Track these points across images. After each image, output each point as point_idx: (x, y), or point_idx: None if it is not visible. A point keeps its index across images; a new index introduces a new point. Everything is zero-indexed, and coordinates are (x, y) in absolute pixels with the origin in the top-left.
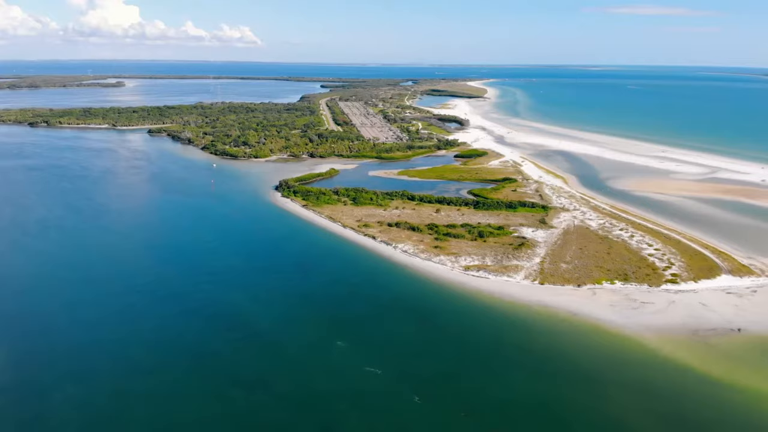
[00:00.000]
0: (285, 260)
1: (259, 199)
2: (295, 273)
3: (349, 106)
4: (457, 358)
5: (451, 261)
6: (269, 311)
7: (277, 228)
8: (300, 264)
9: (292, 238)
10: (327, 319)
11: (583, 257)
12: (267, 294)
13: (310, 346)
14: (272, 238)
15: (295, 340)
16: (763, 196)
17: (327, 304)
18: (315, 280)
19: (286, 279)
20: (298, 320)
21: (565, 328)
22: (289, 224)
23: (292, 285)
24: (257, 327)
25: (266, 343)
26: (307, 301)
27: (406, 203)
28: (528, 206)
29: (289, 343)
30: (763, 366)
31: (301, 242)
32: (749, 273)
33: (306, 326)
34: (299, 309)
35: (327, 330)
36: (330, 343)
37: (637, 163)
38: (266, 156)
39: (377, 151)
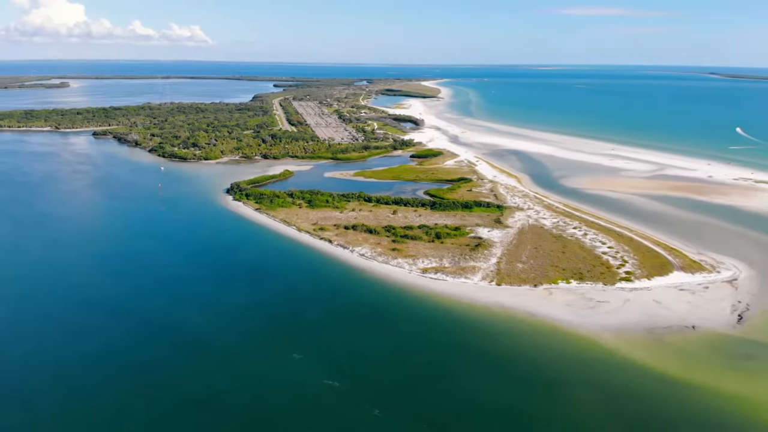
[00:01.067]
0: (237, 267)
1: (209, 204)
2: (247, 281)
3: (304, 105)
4: (417, 366)
5: (409, 264)
6: (220, 323)
7: (228, 233)
8: (253, 271)
9: (244, 243)
10: (282, 329)
11: (539, 257)
12: (218, 304)
13: (264, 359)
14: (223, 244)
15: (248, 352)
16: (711, 192)
17: (282, 314)
18: (269, 287)
19: (239, 287)
20: (251, 331)
21: (524, 329)
22: (241, 229)
23: (245, 294)
24: (207, 340)
25: (217, 357)
26: (261, 310)
27: (362, 205)
28: (483, 206)
29: (242, 356)
30: (717, 364)
31: (254, 248)
32: (700, 269)
33: (260, 338)
34: (252, 319)
35: (282, 341)
36: (285, 356)
37: (588, 161)
38: (217, 158)
39: (333, 152)
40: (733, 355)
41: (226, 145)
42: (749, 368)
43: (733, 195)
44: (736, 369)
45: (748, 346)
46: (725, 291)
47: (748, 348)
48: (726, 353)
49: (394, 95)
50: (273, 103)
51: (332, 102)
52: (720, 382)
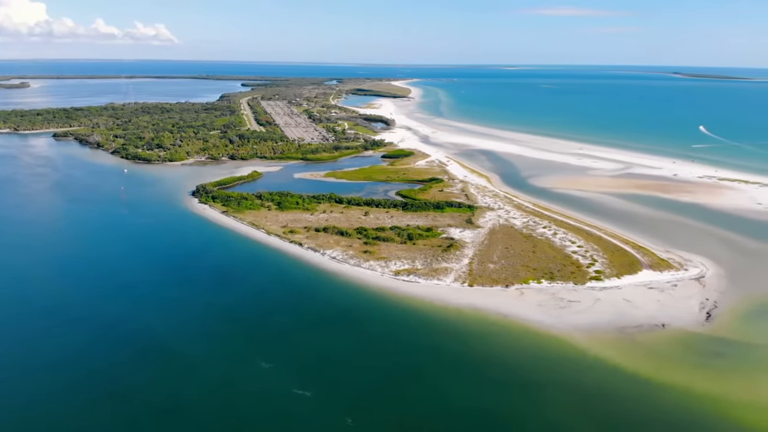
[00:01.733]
0: (203, 272)
1: (174, 207)
2: (214, 286)
3: (272, 105)
4: (391, 372)
5: (381, 266)
6: (186, 330)
7: (194, 237)
8: (220, 276)
9: (211, 247)
10: (250, 336)
11: (510, 257)
12: (183, 311)
13: (231, 368)
14: (189, 248)
15: (214, 361)
16: (676, 190)
17: (250, 320)
18: (237, 293)
19: (205, 293)
20: (218, 339)
21: (497, 330)
22: (207, 233)
23: (212, 300)
24: (172, 348)
25: (183, 366)
26: (228, 317)
27: (333, 206)
28: (455, 206)
29: (208, 365)
30: (687, 362)
31: (221, 252)
32: (669, 267)
33: (227, 345)
34: (219, 326)
35: (250, 349)
36: (254, 364)
37: (557, 160)
38: (182, 159)
39: (303, 152)
40: (703, 354)
41: (192, 146)
42: (719, 366)
43: (698, 193)
44: (706, 367)
45: (717, 344)
46: (693, 289)
47: (717, 346)
48: (696, 351)
49: (364, 95)
50: (241, 103)
51: (302, 101)
52: (691, 381)
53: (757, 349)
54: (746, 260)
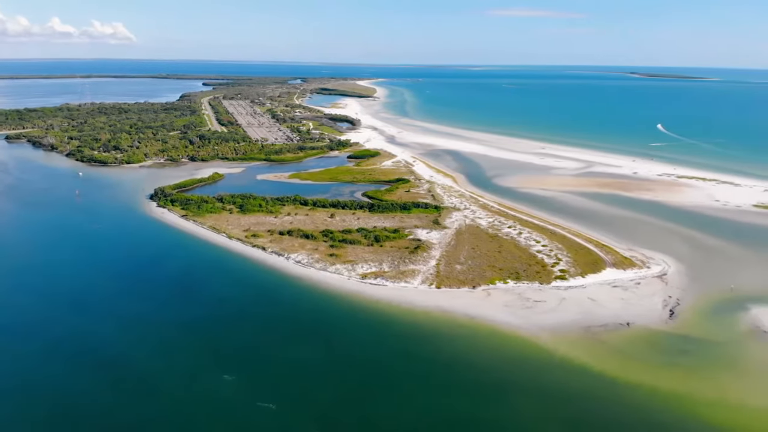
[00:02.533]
0: (162, 281)
1: (131, 211)
2: (173, 295)
3: (235, 105)
4: (360, 380)
5: (348, 269)
6: (144, 343)
7: (152, 243)
8: (179, 284)
9: (170, 254)
10: (212, 348)
11: (476, 257)
12: (141, 322)
13: (192, 383)
14: (146, 255)
15: (174, 375)
16: (636, 188)
17: (211, 331)
18: (196, 302)
19: (163, 303)
20: (178, 352)
21: (465, 333)
22: (166, 238)
23: (171, 310)
24: (130, 363)
25: (141, 382)
26: (189, 328)
27: (298, 209)
28: (421, 207)
29: (168, 379)
30: (652, 361)
31: (180, 258)
32: (631, 265)
33: (187, 358)
34: (179, 338)
35: (212, 361)
36: (216, 377)
37: (520, 160)
38: (140, 161)
39: (266, 153)
40: (668, 352)
41: (151, 147)
42: (683, 364)
43: (658, 191)
44: (671, 366)
45: (681, 342)
46: (656, 286)
47: (681, 344)
48: (661, 350)
49: (329, 94)
50: (202, 103)
51: (265, 101)
52: (657, 380)
53: (719, 347)
54: (705, 257)
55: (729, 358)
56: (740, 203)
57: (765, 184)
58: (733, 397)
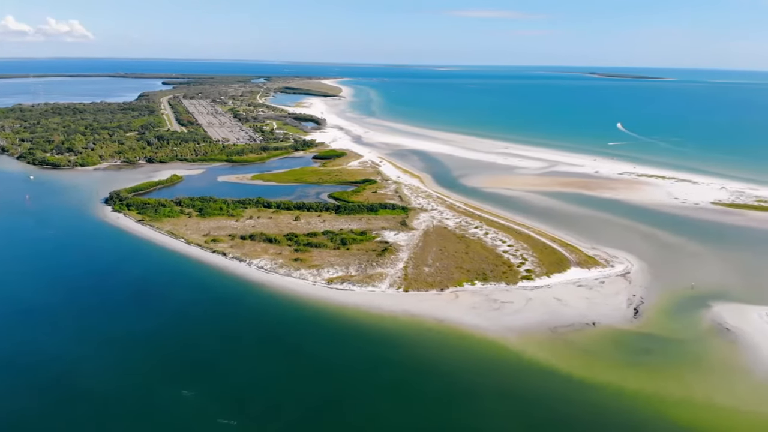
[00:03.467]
0: (115, 290)
1: (84, 216)
2: (127, 306)
3: (195, 104)
4: (327, 392)
5: (313, 274)
6: (97, 359)
7: (106, 250)
8: (134, 294)
9: (125, 261)
10: (169, 361)
11: (444, 258)
12: (94, 336)
13: (148, 399)
14: (100, 263)
15: (130, 393)
16: (598, 187)
17: (168, 343)
18: (152, 312)
19: (118, 315)
20: (134, 367)
21: (433, 337)
22: (121, 245)
23: (126, 322)
24: (83, 380)
25: (94, 401)
26: (143, 340)
27: (261, 211)
28: (389, 208)
29: (121, 397)
30: (619, 361)
31: (136, 266)
32: (596, 264)
33: (143, 373)
34: (135, 353)
35: (169, 376)
36: (174, 393)
37: (485, 160)
38: (95, 163)
39: (227, 154)
40: (633, 351)
41: (106, 149)
42: (649, 364)
43: (619, 189)
44: (637, 365)
45: (645, 341)
46: (620, 285)
47: (646, 342)
48: (626, 349)
49: (293, 93)
50: (161, 102)
51: (227, 100)
52: (623, 379)
53: (682, 345)
54: (667, 254)
55: (693, 357)
56: (698, 201)
57: (721, 181)
58: (699, 395)
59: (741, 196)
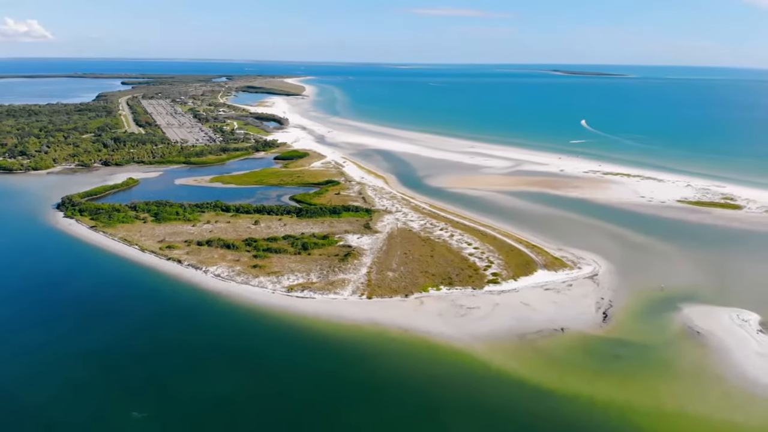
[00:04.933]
0: (63, 303)
1: (34, 223)
2: (76, 320)
3: (154, 104)
4: (286, 410)
5: (273, 282)
6: (42, 379)
7: (56, 259)
8: (83, 306)
9: (75, 271)
10: (119, 381)
11: (409, 262)
12: (39, 353)
13: (95, 423)
14: (49, 273)
15: (75, 415)
16: (563, 186)
17: (119, 360)
18: (103, 327)
19: (65, 330)
20: (82, 388)
21: (398, 347)
22: (72, 253)
23: (73, 338)
24: (24, 402)
25: (37, 425)
26: (92, 358)
27: (219, 215)
28: (352, 210)
29: (67, 420)
30: (588, 368)
31: (86, 276)
32: (562, 266)
33: (91, 395)
34: (81, 371)
35: (119, 396)
36: (123, 415)
37: (450, 159)
38: (49, 167)
39: (186, 155)
40: (603, 358)
41: (61, 152)
42: (619, 370)
43: (584, 188)
44: (607, 373)
45: (615, 346)
46: (588, 288)
47: (616, 348)
48: (596, 356)
49: (255, 92)
50: (119, 103)
51: (187, 100)
52: (594, 389)
53: (652, 350)
54: (634, 255)
55: (664, 362)
56: (664, 199)
57: (686, 179)
58: (670, 404)
59: (707, 193)
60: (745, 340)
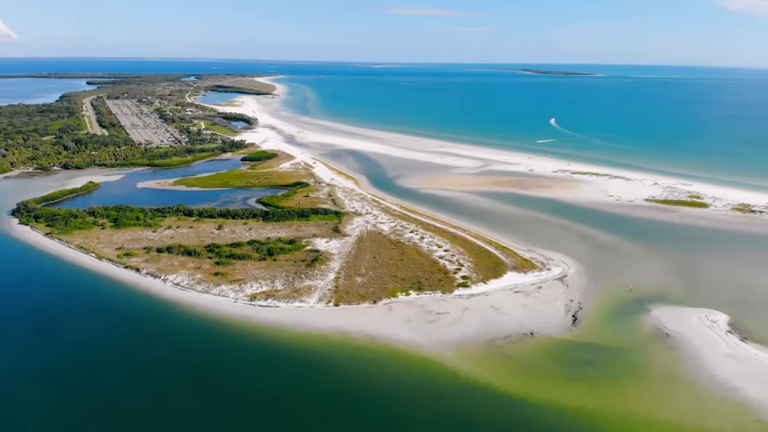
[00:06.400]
0: (14, 317)
1: None
2: (27, 335)
3: (120, 104)
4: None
5: (235, 290)
6: None
7: (8, 269)
8: (35, 320)
9: (27, 282)
10: (71, 400)
11: (378, 266)
12: None
13: None
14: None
15: None
16: (533, 186)
17: (70, 378)
18: (54, 342)
19: (14, 346)
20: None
21: (365, 357)
22: (26, 262)
23: (22, 355)
24: None
25: None
26: (43, 376)
27: (182, 220)
28: (321, 213)
29: None
30: (559, 374)
31: (39, 287)
32: (532, 267)
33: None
34: (30, 390)
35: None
36: None
37: (421, 159)
38: (6, 171)
39: (149, 157)
40: (573, 363)
41: (19, 155)
42: (589, 377)
43: (553, 188)
44: (577, 379)
45: (585, 351)
46: (558, 290)
47: (586, 353)
48: (566, 361)
49: (225, 92)
50: (83, 103)
51: (154, 100)
52: (564, 396)
53: (622, 354)
54: (603, 255)
55: (634, 367)
56: (632, 198)
57: (653, 177)
58: (641, 410)
59: (674, 191)
60: (715, 341)
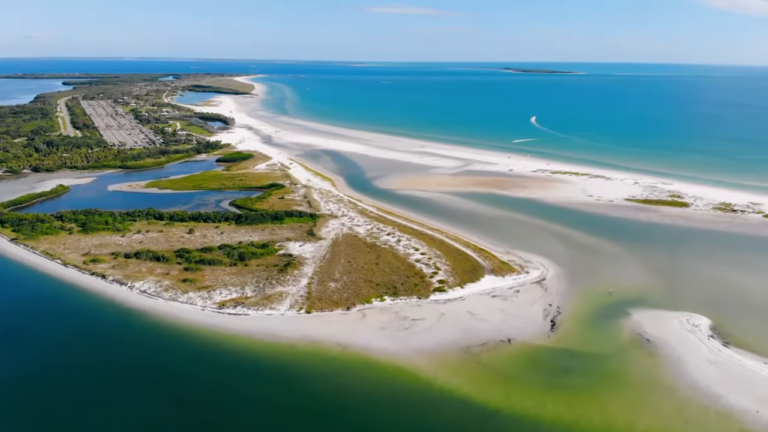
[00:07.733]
0: None
1: None
2: None
3: (95, 105)
4: None
5: (203, 298)
6: None
7: None
8: None
9: None
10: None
11: (352, 271)
12: None
13: None
14: None
15: None
16: (512, 186)
17: (31, 392)
18: (15, 354)
19: None
20: None
21: (337, 368)
22: None
23: None
24: None
25: None
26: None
27: (152, 224)
28: (296, 216)
29: None
30: (536, 383)
31: (2, 296)
32: (510, 270)
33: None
34: None
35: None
36: None
37: (400, 159)
38: None
39: (122, 159)
40: (551, 371)
41: None
42: (567, 385)
43: (532, 188)
44: (555, 388)
45: (563, 358)
46: (536, 293)
47: (564, 360)
48: (544, 369)
49: (203, 92)
50: (58, 104)
51: (130, 100)
52: (541, 406)
53: (601, 361)
54: (582, 257)
55: (613, 374)
56: (613, 197)
57: (634, 176)
58: (620, 420)
59: (654, 191)
60: (696, 346)
